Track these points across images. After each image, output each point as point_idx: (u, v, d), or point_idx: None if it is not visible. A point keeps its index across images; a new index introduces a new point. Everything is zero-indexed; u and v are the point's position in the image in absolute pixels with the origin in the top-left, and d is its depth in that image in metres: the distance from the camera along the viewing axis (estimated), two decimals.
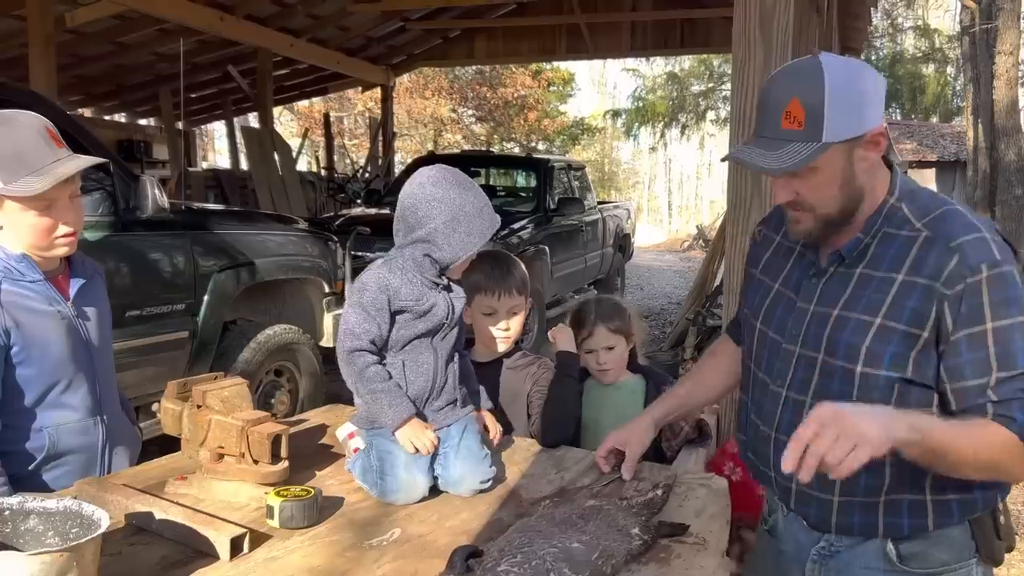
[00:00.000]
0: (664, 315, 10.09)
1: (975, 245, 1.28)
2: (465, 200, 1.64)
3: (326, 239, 4.87)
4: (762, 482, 1.56)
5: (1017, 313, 1.26)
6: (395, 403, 1.61)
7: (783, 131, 1.30)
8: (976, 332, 1.27)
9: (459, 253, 1.65)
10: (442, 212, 1.63)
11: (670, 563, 1.37)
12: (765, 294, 1.54)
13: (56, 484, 1.69)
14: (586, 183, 9.83)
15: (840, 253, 1.40)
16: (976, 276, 1.26)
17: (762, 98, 1.37)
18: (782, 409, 1.45)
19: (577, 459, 1.88)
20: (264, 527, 1.45)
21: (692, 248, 20.76)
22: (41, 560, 1.05)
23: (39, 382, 1.68)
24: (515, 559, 1.20)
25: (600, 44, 11.60)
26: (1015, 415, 1.25)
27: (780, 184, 1.37)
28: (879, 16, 21.15)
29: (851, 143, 1.31)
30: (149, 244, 3.64)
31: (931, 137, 16.11)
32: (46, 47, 6.75)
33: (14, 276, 1.65)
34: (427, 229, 1.63)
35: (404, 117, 22.44)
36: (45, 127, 1.63)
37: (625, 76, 31.33)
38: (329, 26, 10.50)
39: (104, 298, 1.87)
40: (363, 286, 1.64)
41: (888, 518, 1.38)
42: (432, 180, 1.66)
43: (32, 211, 1.62)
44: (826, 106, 1.27)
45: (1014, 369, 1.26)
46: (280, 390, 4.38)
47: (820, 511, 1.43)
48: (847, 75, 1.30)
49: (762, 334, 1.53)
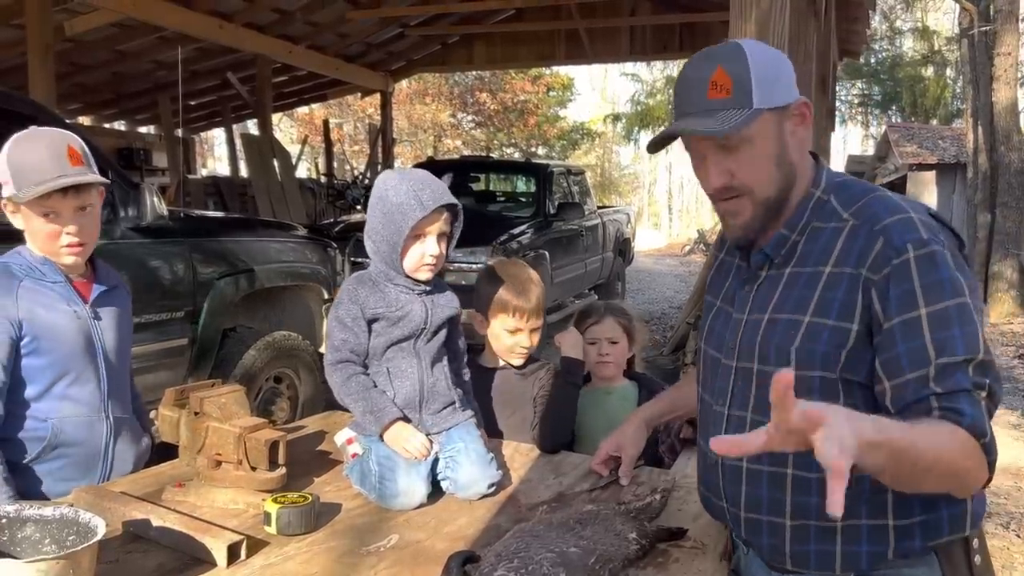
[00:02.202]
0: (665, 319, 10.09)
1: (899, 225, 1.20)
2: (395, 193, 1.67)
3: (325, 245, 4.87)
4: (715, 516, 1.46)
5: (951, 295, 1.16)
6: (377, 409, 1.66)
7: (711, 101, 1.23)
8: (910, 319, 1.16)
9: (394, 242, 1.67)
10: (374, 217, 1.71)
11: (668, 567, 1.37)
12: (708, 312, 1.48)
13: (56, 475, 1.77)
14: (586, 188, 9.83)
15: (765, 252, 1.33)
16: (902, 256, 1.17)
17: (682, 79, 1.30)
18: (725, 430, 1.35)
19: (575, 464, 1.88)
20: (261, 534, 1.45)
21: (693, 252, 20.75)
22: (37, 568, 1.05)
23: (47, 373, 1.77)
24: (511, 564, 1.20)
25: (599, 49, 11.62)
26: (963, 408, 1.11)
27: (713, 166, 1.28)
28: (878, 19, 21.18)
29: (780, 113, 1.26)
30: (148, 252, 3.64)
31: (931, 140, 16.09)
32: (45, 56, 6.77)
33: (36, 276, 1.78)
34: (374, 236, 1.72)
35: (404, 123, 22.49)
36: (67, 145, 1.76)
37: (624, 80, 31.34)
38: (328, 33, 10.53)
39: (126, 309, 1.99)
40: (338, 300, 1.72)
41: (846, 546, 1.26)
42: (375, 187, 1.74)
43: (39, 218, 1.75)
44: (751, 72, 1.23)
45: (954, 355, 1.13)
46: (280, 397, 4.38)
47: (772, 538, 1.31)
48: (763, 48, 1.29)
49: (705, 354, 1.46)
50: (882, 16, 23.31)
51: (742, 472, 1.33)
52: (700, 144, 1.29)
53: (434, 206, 1.67)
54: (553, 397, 2.07)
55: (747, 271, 1.39)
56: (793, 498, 1.28)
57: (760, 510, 1.32)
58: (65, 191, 1.72)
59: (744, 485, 1.34)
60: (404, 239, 1.67)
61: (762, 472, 1.30)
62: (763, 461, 1.29)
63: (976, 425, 1.12)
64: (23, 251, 1.81)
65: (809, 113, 1.31)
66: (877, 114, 27.37)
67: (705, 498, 1.47)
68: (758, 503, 1.32)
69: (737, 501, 1.36)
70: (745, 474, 1.33)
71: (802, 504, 1.27)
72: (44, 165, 1.72)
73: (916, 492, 1.18)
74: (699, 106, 1.25)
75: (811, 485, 1.26)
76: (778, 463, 1.28)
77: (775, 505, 1.30)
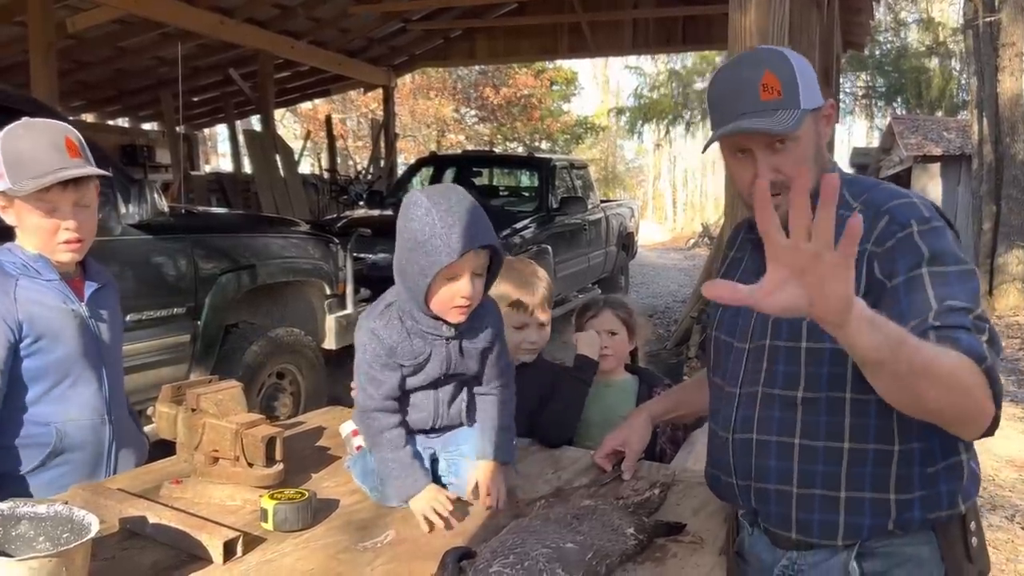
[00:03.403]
0: (668, 313, 10.07)
1: (903, 207, 1.30)
2: (420, 227, 1.42)
3: (327, 241, 4.87)
4: (723, 496, 1.52)
5: (953, 263, 1.24)
6: (406, 475, 1.51)
7: (764, 102, 1.31)
8: (913, 276, 1.23)
9: (418, 281, 1.44)
10: (400, 244, 1.47)
11: (666, 562, 1.37)
12: (719, 305, 1.53)
13: (62, 481, 1.69)
14: (589, 182, 9.82)
15: None
16: (907, 230, 1.26)
17: (726, 80, 1.39)
18: (736, 408, 1.43)
19: (574, 459, 1.87)
20: (258, 530, 1.44)
21: (697, 246, 20.72)
22: (29, 566, 1.04)
23: (49, 375, 1.71)
24: (507, 560, 1.19)
25: (602, 42, 11.57)
26: (959, 337, 1.15)
27: (764, 164, 1.34)
28: (882, 11, 21.09)
29: (816, 114, 1.35)
30: (150, 248, 3.64)
31: (936, 131, 16.01)
32: (47, 53, 6.76)
33: (31, 274, 1.71)
34: (397, 266, 1.48)
35: (408, 118, 22.47)
36: (64, 137, 1.69)
37: (627, 74, 31.30)
38: (330, 28, 10.51)
39: (117, 307, 1.93)
40: (362, 344, 1.53)
41: (848, 517, 1.33)
42: (401, 208, 1.48)
43: (36, 213, 1.68)
44: (797, 75, 1.32)
45: (954, 301, 1.19)
46: (283, 393, 4.38)
47: (780, 506, 1.39)
48: (797, 55, 1.38)
49: (717, 340, 1.53)
50: (887, 7, 23.21)
51: (752, 444, 1.41)
52: (749, 142, 1.35)
53: (464, 250, 1.41)
54: (560, 393, 2.06)
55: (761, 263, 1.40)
56: (800, 466, 1.36)
57: (768, 479, 1.39)
58: (65, 184, 1.66)
59: (754, 457, 1.41)
60: (430, 281, 1.43)
61: (770, 443, 1.38)
62: (771, 432, 1.37)
63: (974, 349, 1.13)
64: (13, 248, 1.73)
65: (835, 114, 1.40)
66: (882, 106, 27.27)
67: (713, 477, 1.53)
68: (766, 472, 1.39)
69: (747, 473, 1.42)
70: (755, 446, 1.40)
71: (808, 472, 1.35)
72: (43, 157, 1.64)
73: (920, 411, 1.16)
74: (753, 106, 1.32)
75: (817, 453, 1.34)
76: (786, 433, 1.36)
77: (783, 474, 1.37)
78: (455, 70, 21.43)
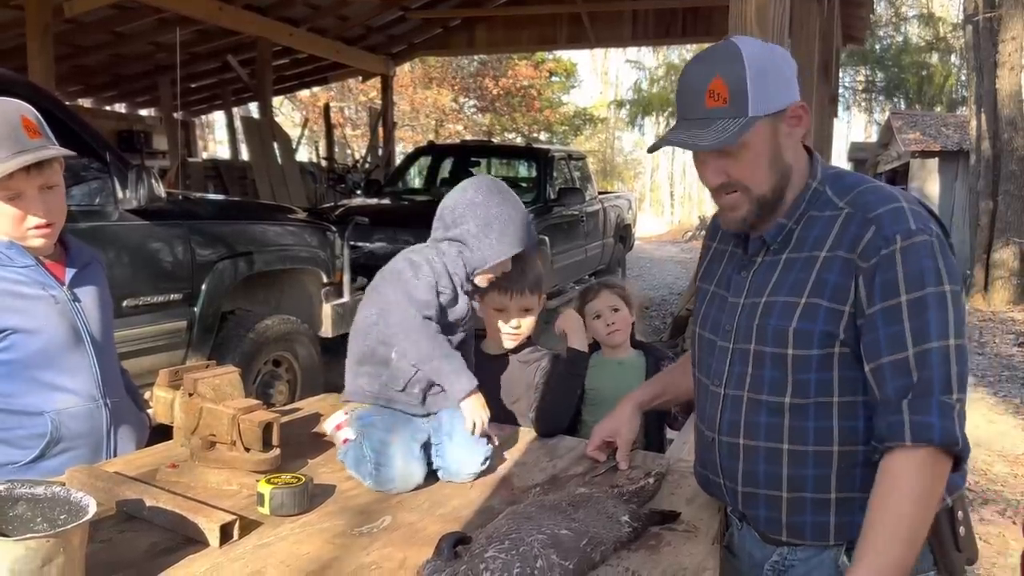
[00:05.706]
0: (665, 305, 10.09)
1: (891, 215, 1.26)
2: (502, 210, 1.77)
3: (324, 229, 4.87)
4: (712, 493, 1.52)
5: (932, 283, 1.23)
6: (461, 377, 1.70)
7: (709, 110, 1.28)
8: (891, 306, 1.23)
9: (488, 257, 1.77)
10: (477, 216, 1.76)
11: (659, 550, 1.38)
12: (703, 299, 1.52)
13: (64, 469, 1.64)
14: (587, 173, 9.80)
15: (763, 239, 1.38)
16: (890, 247, 1.24)
17: (683, 82, 1.35)
18: (721, 409, 1.41)
19: (570, 448, 1.88)
20: (255, 514, 1.45)
21: (695, 238, 20.72)
22: (27, 545, 1.05)
23: (32, 366, 1.66)
24: (502, 545, 1.20)
25: (601, 33, 11.54)
26: (932, 423, 1.20)
27: (710, 167, 1.34)
28: (883, 5, 21.04)
29: (775, 118, 1.30)
30: (146, 234, 3.63)
31: (934, 127, 15.99)
32: (44, 37, 6.73)
33: (3, 262, 1.64)
34: (461, 229, 1.77)
35: (407, 107, 22.40)
36: (20, 116, 1.58)
37: (627, 67, 31.24)
38: (328, 15, 10.46)
39: (103, 285, 1.86)
40: (415, 264, 1.74)
41: (839, 517, 1.33)
42: (475, 186, 1.81)
43: (0, 202, 1.59)
44: (748, 81, 1.27)
45: (930, 343, 1.21)
46: (279, 380, 4.38)
47: (769, 510, 1.38)
48: (762, 52, 1.32)
49: (700, 337, 1.51)
50: (887, 2, 23.16)
51: (739, 449, 1.39)
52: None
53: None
54: (553, 387, 2.06)
55: (743, 258, 1.43)
56: (789, 471, 1.34)
57: (757, 484, 1.38)
58: (28, 169, 1.56)
59: (741, 461, 1.39)
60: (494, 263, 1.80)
61: (758, 448, 1.36)
62: (759, 437, 1.35)
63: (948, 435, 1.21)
64: None
65: (805, 115, 1.35)
66: (881, 101, 27.27)
67: (702, 476, 1.52)
68: (755, 477, 1.37)
69: (734, 476, 1.41)
70: (742, 451, 1.38)
71: (798, 477, 1.33)
72: (6, 141, 1.52)
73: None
74: (697, 112, 1.30)
75: (807, 458, 1.32)
76: (774, 439, 1.34)
77: (771, 479, 1.36)
78: (454, 60, 21.35)
